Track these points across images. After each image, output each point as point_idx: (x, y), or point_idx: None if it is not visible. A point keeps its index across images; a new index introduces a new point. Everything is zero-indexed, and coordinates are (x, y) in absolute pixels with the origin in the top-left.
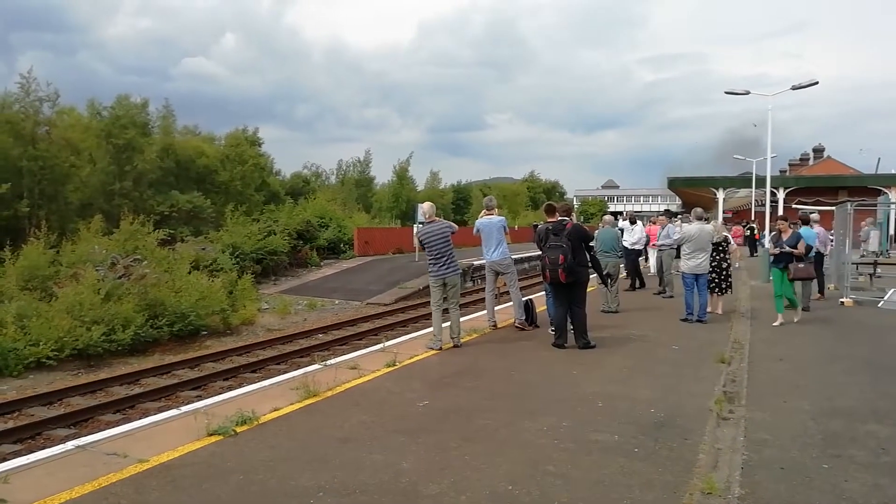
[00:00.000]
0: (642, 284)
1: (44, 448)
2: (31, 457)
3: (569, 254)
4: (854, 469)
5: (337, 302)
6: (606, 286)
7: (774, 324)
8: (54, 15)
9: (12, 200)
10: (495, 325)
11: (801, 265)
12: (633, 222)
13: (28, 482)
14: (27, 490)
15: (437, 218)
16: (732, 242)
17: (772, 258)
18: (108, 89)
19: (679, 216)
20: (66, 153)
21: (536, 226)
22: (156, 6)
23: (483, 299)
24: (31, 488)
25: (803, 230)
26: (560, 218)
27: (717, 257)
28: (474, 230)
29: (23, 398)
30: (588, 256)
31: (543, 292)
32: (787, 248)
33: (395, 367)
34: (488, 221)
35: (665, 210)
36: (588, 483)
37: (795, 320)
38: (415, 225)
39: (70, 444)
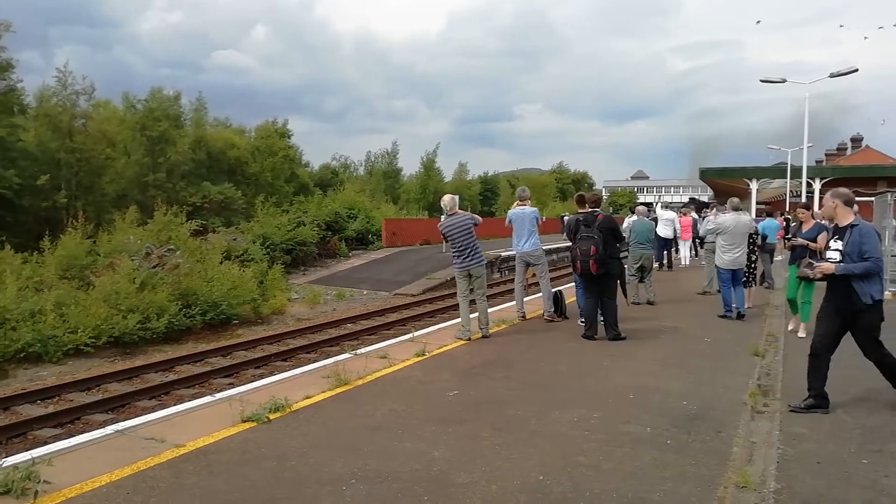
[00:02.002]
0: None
1: (83, 432)
2: (72, 440)
3: (600, 245)
4: (894, 464)
5: (365, 292)
6: (642, 279)
7: (790, 328)
8: (90, 10)
9: (51, 192)
10: (524, 317)
11: (815, 263)
12: (632, 212)
13: (70, 465)
14: (70, 472)
15: (459, 210)
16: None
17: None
18: (142, 82)
19: (711, 206)
20: (101, 145)
21: (563, 217)
22: (186, 0)
23: (511, 290)
24: (74, 471)
25: (767, 222)
26: (591, 209)
27: (746, 250)
28: (506, 221)
29: (62, 384)
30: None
31: (573, 284)
32: (800, 241)
33: (425, 357)
34: (520, 212)
35: (690, 199)
36: (620, 475)
37: (800, 335)
38: (442, 216)
39: (109, 429)
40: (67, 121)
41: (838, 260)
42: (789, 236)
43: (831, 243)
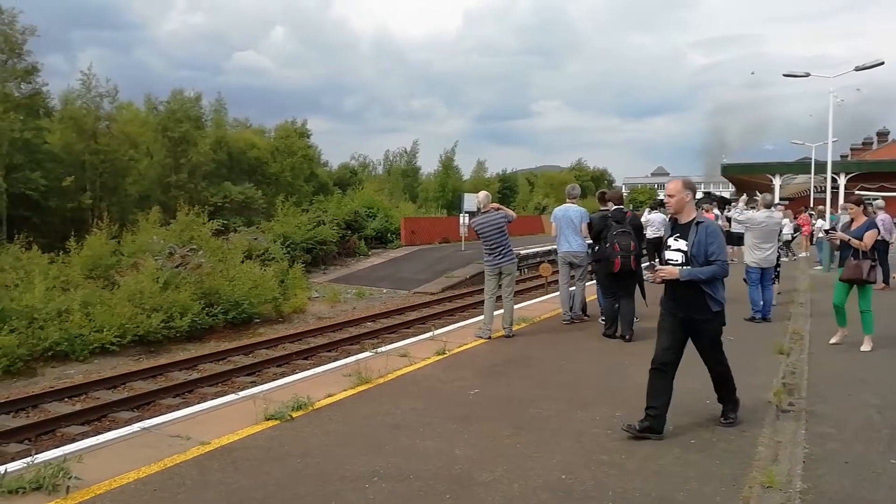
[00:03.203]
0: None
1: (111, 430)
2: (100, 438)
3: (636, 241)
4: None
5: (385, 291)
6: None
7: (832, 340)
8: (112, 13)
9: (76, 193)
10: (571, 320)
11: (855, 262)
12: (654, 209)
13: (99, 462)
14: (98, 469)
15: (494, 205)
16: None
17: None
18: (164, 84)
19: (734, 203)
20: (125, 147)
21: None
22: (207, 2)
23: (532, 289)
24: (102, 468)
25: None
26: (617, 206)
27: (777, 248)
28: (552, 218)
29: (89, 382)
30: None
31: (593, 282)
32: (840, 235)
33: (445, 356)
34: (565, 210)
35: (705, 193)
36: (643, 473)
37: (864, 349)
38: (461, 214)
39: (136, 427)
40: (92, 123)
41: (680, 262)
42: (828, 228)
43: (671, 242)
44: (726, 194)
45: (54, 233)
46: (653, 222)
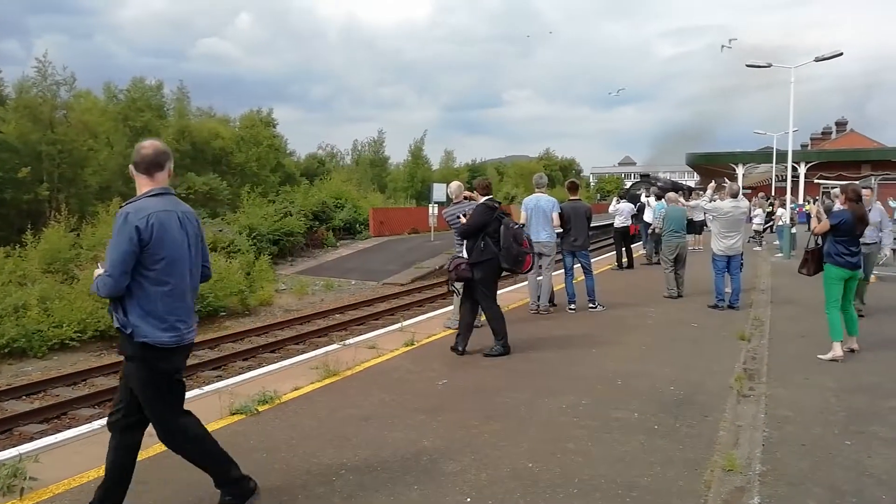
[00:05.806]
0: (630, 265)
1: (70, 427)
2: (59, 436)
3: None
4: (877, 445)
5: (353, 282)
6: (676, 271)
7: (824, 357)
8: None
9: (33, 184)
10: (537, 309)
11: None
12: (622, 198)
13: (57, 460)
14: (57, 468)
15: (468, 193)
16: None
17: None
18: (125, 72)
19: (698, 190)
20: (83, 137)
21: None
22: None
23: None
24: (61, 466)
25: (658, 205)
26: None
27: (742, 237)
28: (521, 209)
29: (47, 379)
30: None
31: (561, 270)
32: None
33: (414, 347)
34: (536, 201)
35: (642, 176)
36: (608, 460)
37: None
38: (430, 205)
39: (96, 424)
40: (48, 112)
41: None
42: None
43: None
44: (692, 183)
45: (10, 226)
46: (621, 211)
